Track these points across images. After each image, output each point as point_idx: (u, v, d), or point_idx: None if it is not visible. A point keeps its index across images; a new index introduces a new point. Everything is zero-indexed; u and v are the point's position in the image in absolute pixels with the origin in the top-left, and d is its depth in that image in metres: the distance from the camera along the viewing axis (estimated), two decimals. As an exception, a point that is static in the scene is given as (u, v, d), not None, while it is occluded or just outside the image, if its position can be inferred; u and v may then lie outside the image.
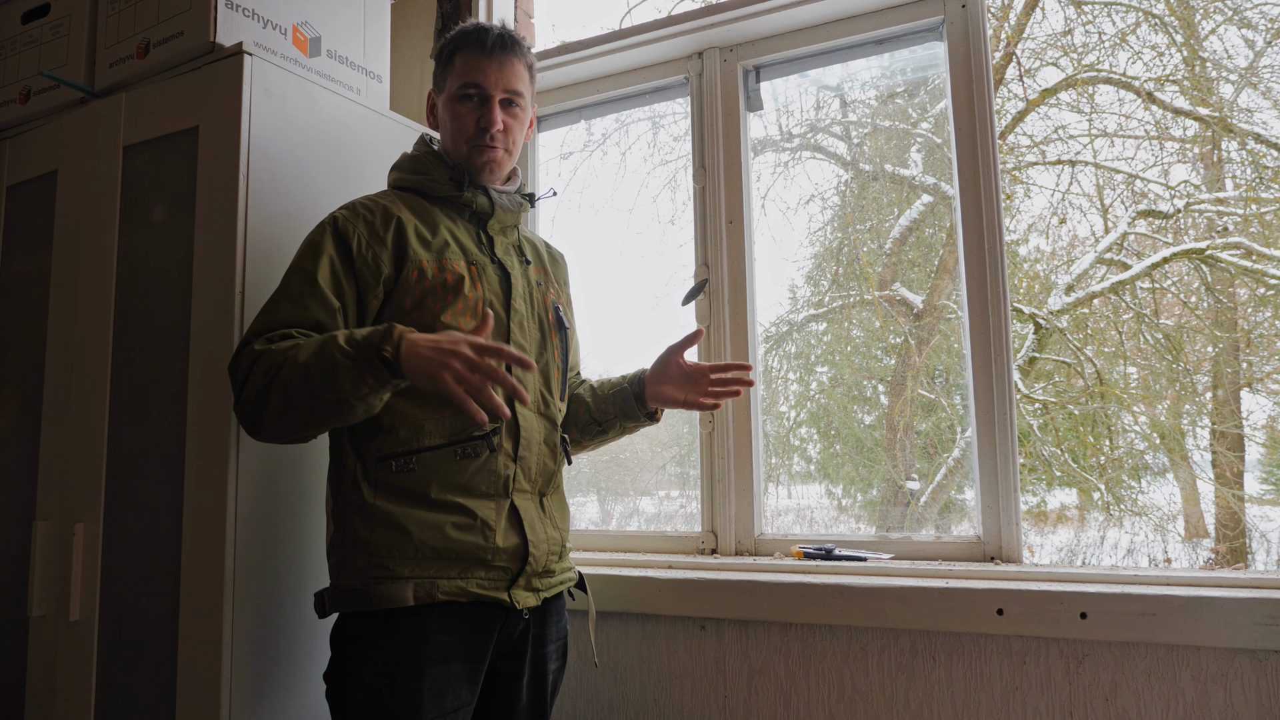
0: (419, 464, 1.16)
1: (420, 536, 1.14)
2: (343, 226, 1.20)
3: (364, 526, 1.15)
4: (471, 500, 1.18)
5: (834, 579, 1.43)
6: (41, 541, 1.47)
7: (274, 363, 1.07)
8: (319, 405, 1.06)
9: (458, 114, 1.28)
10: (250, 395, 1.08)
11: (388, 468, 1.16)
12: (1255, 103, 4.01)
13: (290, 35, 1.53)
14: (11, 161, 1.70)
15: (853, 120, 3.14)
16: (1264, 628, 1.16)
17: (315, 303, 1.14)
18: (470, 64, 1.28)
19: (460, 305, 1.21)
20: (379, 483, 1.16)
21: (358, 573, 1.14)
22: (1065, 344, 4.26)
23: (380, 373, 1.04)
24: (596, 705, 1.62)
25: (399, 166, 1.35)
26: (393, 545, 1.14)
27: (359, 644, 1.14)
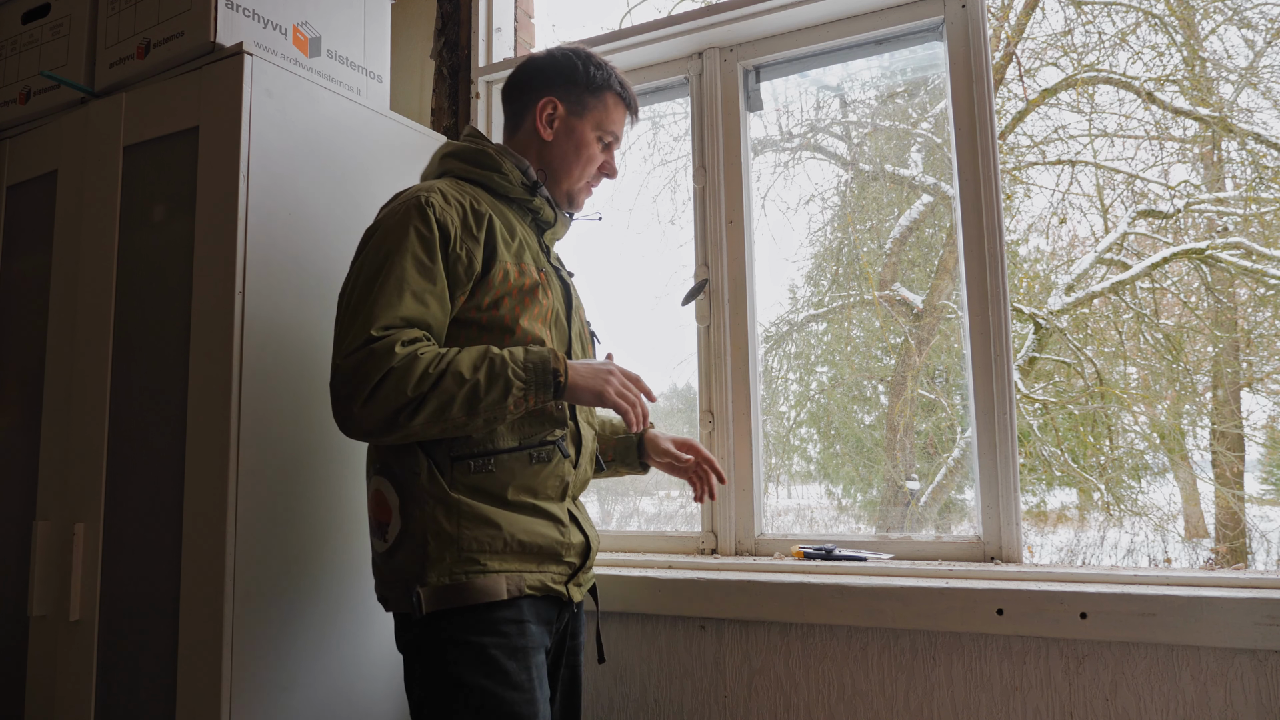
0: (496, 465, 1.16)
1: (510, 530, 1.15)
2: (441, 216, 1.16)
3: (449, 522, 1.13)
4: (539, 501, 1.20)
5: (834, 579, 1.43)
6: (41, 541, 1.47)
7: (431, 371, 1.05)
8: (472, 418, 1.08)
9: (593, 152, 1.34)
10: (391, 398, 1.04)
11: (465, 467, 1.15)
12: (1255, 103, 4.02)
13: (290, 35, 1.53)
14: (11, 161, 1.70)
15: (853, 120, 3.14)
16: (1264, 628, 1.16)
17: (434, 300, 1.13)
18: (619, 114, 1.37)
19: (535, 311, 1.22)
20: (457, 482, 1.15)
21: (447, 569, 1.12)
22: (1065, 344, 4.26)
23: (547, 395, 1.12)
24: (596, 705, 1.62)
25: (461, 157, 1.29)
26: (484, 540, 1.13)
27: (457, 643, 1.11)
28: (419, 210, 1.15)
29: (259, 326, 1.34)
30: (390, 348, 1.05)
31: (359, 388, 1.04)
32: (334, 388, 1.07)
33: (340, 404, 1.06)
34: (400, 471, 1.16)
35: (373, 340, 1.06)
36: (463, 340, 1.17)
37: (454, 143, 1.33)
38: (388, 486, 1.17)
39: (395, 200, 1.21)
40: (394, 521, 1.15)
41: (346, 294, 1.13)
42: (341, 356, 1.07)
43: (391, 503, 1.16)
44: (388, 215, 1.16)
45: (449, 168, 1.29)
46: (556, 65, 1.33)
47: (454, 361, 1.08)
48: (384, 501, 1.17)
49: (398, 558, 1.14)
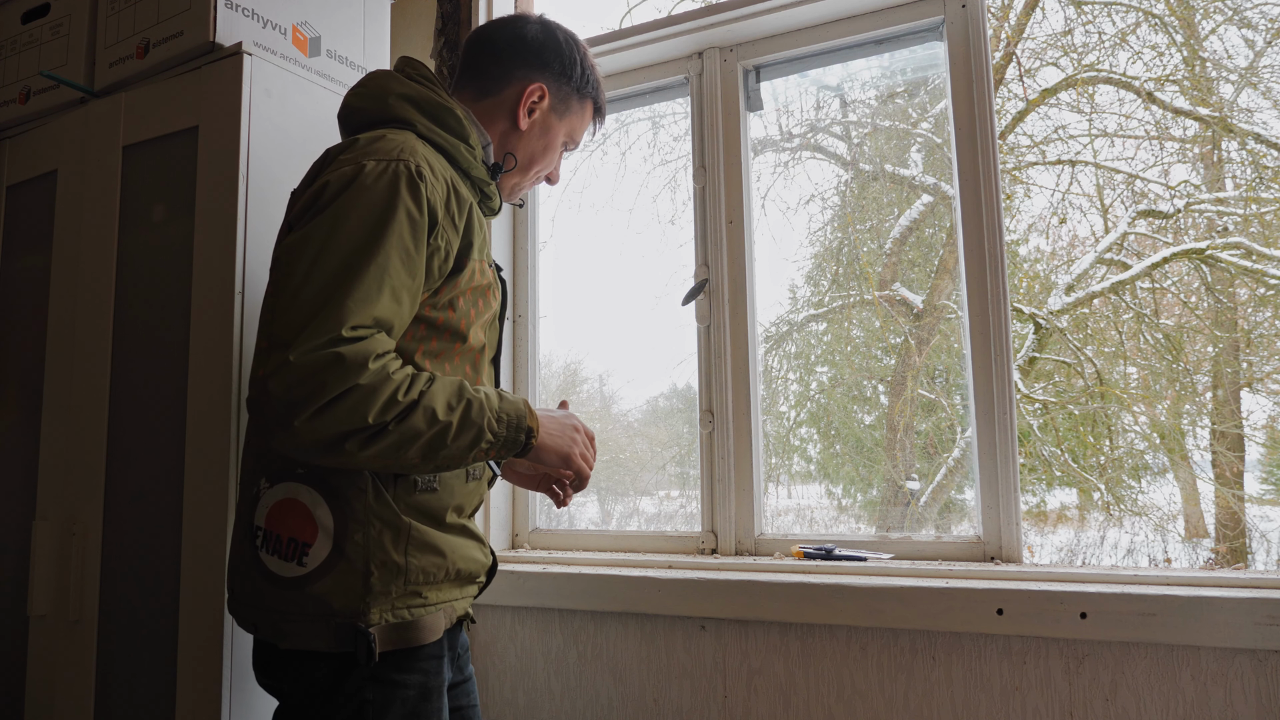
0: (440, 483, 1.05)
1: (452, 558, 1.04)
2: (430, 196, 0.97)
3: (397, 549, 0.99)
4: (466, 521, 1.11)
5: (834, 579, 1.43)
6: (41, 541, 1.47)
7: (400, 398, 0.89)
8: (426, 462, 0.94)
9: (554, 153, 1.24)
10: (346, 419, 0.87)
11: (410, 485, 1.02)
12: (1255, 103, 4.02)
13: (290, 35, 1.53)
14: (11, 161, 1.70)
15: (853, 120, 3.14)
16: (1264, 628, 1.16)
17: (409, 299, 0.96)
18: (589, 125, 1.28)
19: (487, 315, 1.10)
20: (402, 501, 1.01)
21: (391, 604, 0.98)
22: (1065, 344, 4.26)
23: (511, 453, 1.01)
24: (596, 705, 1.62)
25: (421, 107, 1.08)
26: (429, 570, 1.01)
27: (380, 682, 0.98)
28: (409, 182, 0.95)
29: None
30: (364, 360, 0.87)
31: (312, 397, 0.85)
32: (273, 385, 0.86)
33: (279, 407, 0.86)
34: (339, 484, 0.98)
35: (342, 342, 0.87)
36: (409, 339, 1.01)
37: (400, 79, 1.10)
38: (315, 499, 0.98)
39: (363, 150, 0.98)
40: (319, 544, 0.97)
41: (306, 262, 0.91)
42: (298, 350, 0.86)
43: (320, 520, 0.97)
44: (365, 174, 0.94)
45: (406, 116, 1.07)
46: (556, 52, 1.20)
47: (427, 394, 0.92)
48: (303, 516, 0.98)
49: (317, 587, 0.96)
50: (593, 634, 1.63)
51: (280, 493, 1.00)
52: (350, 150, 0.99)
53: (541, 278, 2.07)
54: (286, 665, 1.01)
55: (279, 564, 0.99)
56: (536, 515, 1.98)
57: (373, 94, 1.09)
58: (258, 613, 1.01)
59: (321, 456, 0.90)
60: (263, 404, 0.87)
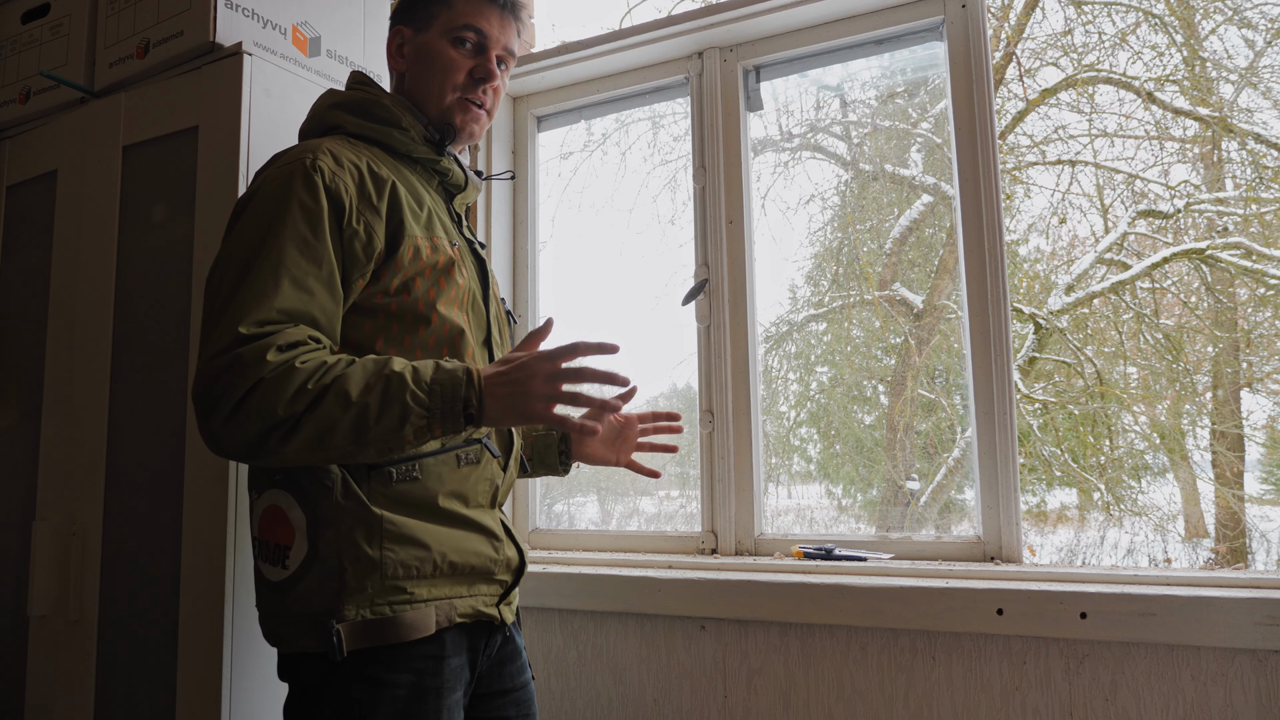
0: (423, 471, 1.01)
1: (439, 550, 1.01)
2: (332, 183, 0.97)
3: (370, 544, 0.96)
4: (470, 510, 1.06)
5: (834, 579, 1.43)
6: (41, 541, 1.47)
7: (310, 386, 0.87)
8: (361, 448, 0.90)
9: (449, 57, 1.12)
10: (258, 416, 0.86)
11: (386, 477, 0.99)
12: (1255, 103, 4.02)
13: (290, 35, 1.53)
14: (11, 161, 1.70)
15: (853, 120, 3.14)
16: (1264, 628, 1.16)
17: (321, 286, 0.94)
18: (473, 6, 1.13)
19: (452, 293, 1.06)
20: (378, 494, 0.99)
21: (368, 600, 0.96)
22: (1065, 344, 4.26)
23: (457, 425, 0.93)
24: (596, 705, 1.62)
25: (351, 108, 1.09)
26: (410, 564, 0.98)
27: (367, 680, 0.96)
28: (304, 176, 0.96)
29: (259, 326, 1.34)
30: (261, 354, 0.86)
31: (220, 400, 0.86)
32: (195, 397, 0.88)
33: (201, 418, 0.87)
34: (307, 484, 0.98)
35: (241, 341, 0.87)
36: (368, 331, 1.00)
37: (339, 91, 1.13)
38: (289, 502, 0.98)
39: (273, 164, 1.00)
40: (297, 545, 0.97)
41: (214, 281, 0.94)
42: (204, 360, 0.88)
43: (295, 522, 0.97)
44: (265, 183, 0.97)
45: (337, 122, 1.09)
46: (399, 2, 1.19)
47: (341, 377, 0.89)
48: (282, 520, 0.98)
49: (301, 588, 0.97)
50: (593, 634, 1.64)
51: (265, 500, 1.02)
52: (264, 169, 1.02)
53: (541, 278, 2.07)
54: (286, 665, 1.02)
55: (270, 569, 1.00)
56: (536, 515, 1.98)
57: (312, 113, 1.14)
58: (264, 621, 1.03)
59: (252, 457, 0.90)
60: (196, 418, 0.89)
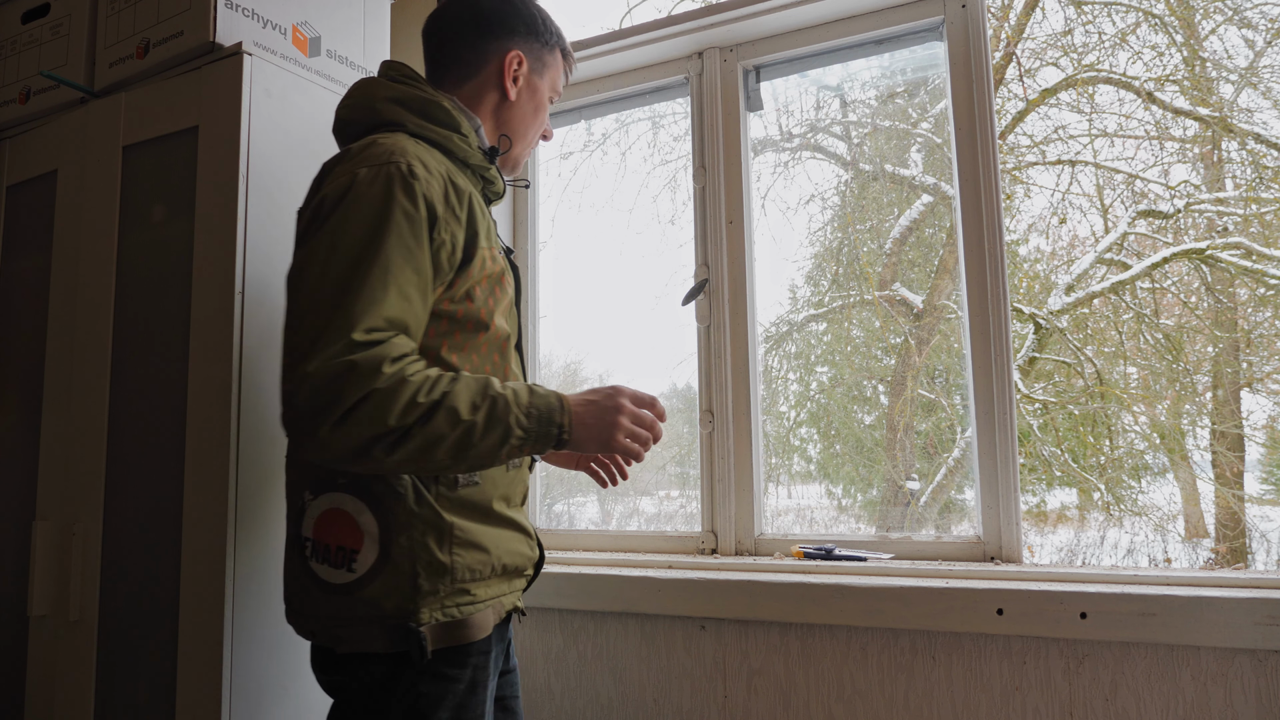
0: (482, 476, 1.05)
1: (497, 553, 1.05)
2: (427, 191, 0.97)
3: (442, 550, 1.00)
4: (511, 511, 1.10)
5: (834, 579, 1.43)
6: (41, 541, 1.47)
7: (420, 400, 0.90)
8: (457, 463, 0.95)
9: (544, 112, 1.23)
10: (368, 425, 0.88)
11: (452, 482, 1.02)
12: (1255, 103, 4.02)
13: (290, 35, 1.53)
14: (11, 161, 1.70)
15: (853, 120, 3.14)
16: (1264, 628, 1.16)
17: (418, 296, 0.96)
18: (564, 73, 1.26)
19: (504, 301, 1.09)
20: (445, 500, 1.01)
21: (439, 603, 0.99)
22: (1065, 344, 4.26)
23: (545, 448, 0.99)
24: (596, 705, 1.62)
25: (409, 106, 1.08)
26: (474, 567, 1.02)
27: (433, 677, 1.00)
28: (403, 181, 0.96)
29: (259, 326, 1.34)
30: (377, 364, 0.88)
31: (333, 405, 0.87)
32: (298, 398, 0.88)
33: (304, 419, 0.88)
34: (380, 490, 1.00)
35: (355, 347, 0.89)
36: (433, 335, 1.02)
37: (389, 84, 1.10)
38: (359, 507, 1.00)
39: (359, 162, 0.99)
40: (367, 549, 0.99)
41: (314, 276, 0.93)
42: (315, 360, 0.88)
43: (365, 527, 0.99)
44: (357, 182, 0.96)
45: (396, 118, 1.07)
46: (518, 13, 1.18)
47: (449, 394, 0.92)
48: (349, 525, 1.00)
49: (369, 591, 0.98)
50: (593, 634, 1.64)
51: (325, 503, 1.02)
52: (343, 161, 1.00)
53: (541, 278, 2.07)
54: (345, 664, 1.02)
55: (329, 571, 1.00)
56: (537, 515, 1.98)
57: (359, 103, 1.10)
58: (314, 621, 1.03)
59: (352, 464, 0.91)
60: (291, 419, 0.90)
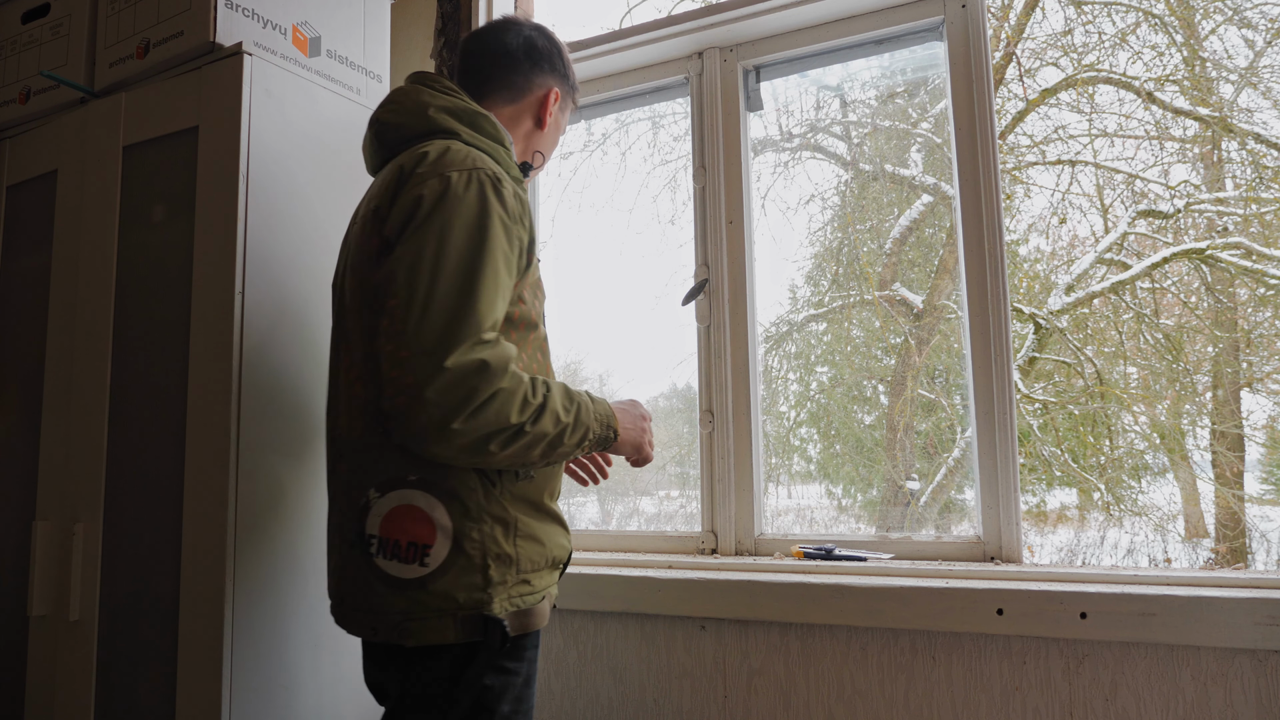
0: (537, 471, 1.09)
1: (549, 545, 1.09)
2: (511, 200, 1.03)
3: (507, 541, 1.04)
4: (554, 504, 1.14)
5: (834, 579, 1.43)
6: (41, 541, 1.47)
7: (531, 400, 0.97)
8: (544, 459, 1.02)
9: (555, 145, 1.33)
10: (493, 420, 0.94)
11: (512, 476, 1.06)
12: (1255, 103, 4.01)
13: (290, 35, 1.53)
14: (11, 161, 1.70)
15: (853, 120, 3.14)
16: (1264, 628, 1.16)
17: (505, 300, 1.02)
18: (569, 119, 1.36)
19: (543, 307, 1.16)
20: (508, 493, 1.06)
21: (507, 593, 1.03)
22: (1065, 344, 4.26)
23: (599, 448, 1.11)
24: (596, 705, 1.62)
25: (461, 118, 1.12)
26: (533, 558, 1.06)
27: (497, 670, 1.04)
28: (494, 188, 1.02)
29: (259, 326, 1.34)
30: (504, 364, 0.95)
31: (467, 400, 0.92)
32: (430, 391, 0.91)
33: (436, 411, 0.91)
34: (454, 486, 1.02)
35: (483, 347, 0.94)
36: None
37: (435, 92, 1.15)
38: (431, 503, 1.02)
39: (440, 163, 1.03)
40: (439, 543, 1.01)
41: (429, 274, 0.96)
42: (452, 355, 0.92)
43: (439, 522, 1.01)
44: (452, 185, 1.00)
45: (451, 127, 1.12)
46: (561, 58, 1.28)
47: (549, 395, 1.00)
48: (422, 520, 1.01)
49: (441, 584, 1.01)
50: (593, 634, 1.64)
51: (393, 500, 1.03)
52: (425, 164, 1.03)
53: (541, 278, 2.07)
54: (413, 659, 1.04)
55: (399, 567, 1.02)
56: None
57: (410, 109, 1.14)
58: (376, 616, 1.03)
59: (466, 458, 0.96)
60: (416, 411, 0.92)
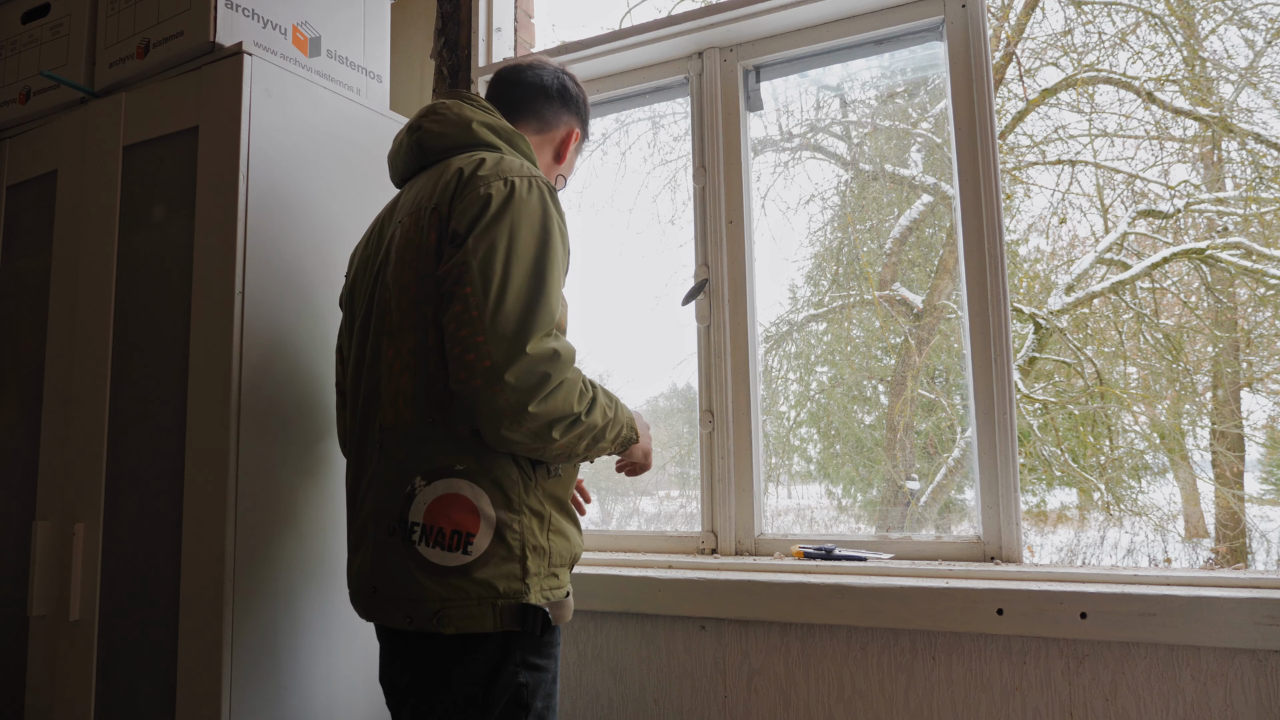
0: (563, 469, 1.13)
1: (573, 542, 1.13)
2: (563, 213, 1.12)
3: (542, 534, 1.08)
4: (571, 504, 1.17)
5: (834, 579, 1.43)
6: (41, 541, 1.47)
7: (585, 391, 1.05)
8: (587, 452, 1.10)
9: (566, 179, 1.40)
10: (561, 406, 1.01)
11: (545, 472, 1.11)
12: (1255, 103, 4.02)
13: (290, 35, 1.53)
14: (11, 161, 1.70)
15: (853, 120, 3.14)
16: (1264, 628, 1.16)
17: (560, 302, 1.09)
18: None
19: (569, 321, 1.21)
20: (542, 488, 1.10)
21: (540, 584, 1.06)
22: (1065, 344, 4.26)
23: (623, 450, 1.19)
24: (596, 705, 1.62)
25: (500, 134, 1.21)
26: (563, 553, 1.10)
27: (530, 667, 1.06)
28: (552, 194, 1.10)
29: (259, 326, 1.34)
30: (572, 356, 1.03)
31: (540, 385, 0.98)
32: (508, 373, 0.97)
33: (514, 393, 0.97)
34: (499, 478, 1.06)
35: (555, 338, 1.02)
36: None
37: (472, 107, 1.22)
38: (479, 494, 1.04)
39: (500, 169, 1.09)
40: (482, 532, 1.03)
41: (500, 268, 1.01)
42: (531, 342, 0.99)
43: (484, 512, 1.04)
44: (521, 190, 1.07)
45: (491, 141, 1.19)
46: (584, 103, 1.39)
47: (598, 391, 1.08)
48: (468, 509, 1.04)
49: (483, 572, 1.03)
50: (593, 634, 1.64)
51: (439, 489, 1.05)
52: (486, 168, 1.09)
53: (541, 278, 2.06)
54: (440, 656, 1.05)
55: (441, 554, 1.04)
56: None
57: (454, 121, 1.20)
58: (414, 604, 1.04)
59: (530, 443, 1.02)
60: (494, 392, 0.97)
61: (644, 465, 1.29)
